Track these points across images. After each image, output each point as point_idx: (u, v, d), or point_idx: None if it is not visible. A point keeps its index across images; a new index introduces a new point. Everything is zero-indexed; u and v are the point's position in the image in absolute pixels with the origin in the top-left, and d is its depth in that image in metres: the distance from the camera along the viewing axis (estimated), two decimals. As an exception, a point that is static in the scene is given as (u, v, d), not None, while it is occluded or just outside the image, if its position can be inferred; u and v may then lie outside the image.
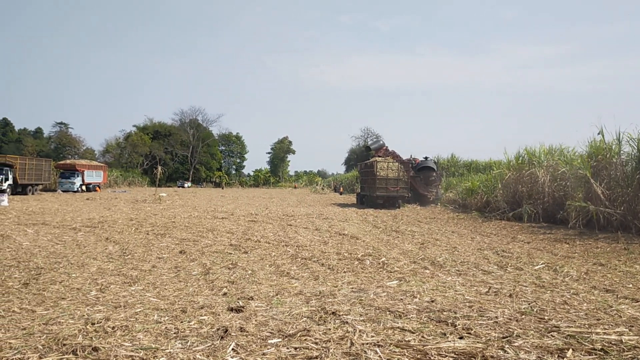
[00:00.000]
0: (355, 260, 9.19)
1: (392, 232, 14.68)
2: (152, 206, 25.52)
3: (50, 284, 7.06)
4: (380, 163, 27.50)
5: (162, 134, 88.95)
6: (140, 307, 5.69)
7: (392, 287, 6.88)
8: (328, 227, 15.43)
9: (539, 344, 4.15)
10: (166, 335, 4.55)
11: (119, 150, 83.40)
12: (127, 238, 12.30)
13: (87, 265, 8.65)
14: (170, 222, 16.31)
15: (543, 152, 20.89)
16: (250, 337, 4.45)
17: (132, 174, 71.00)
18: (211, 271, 8.13)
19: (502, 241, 12.71)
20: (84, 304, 5.92)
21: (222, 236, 12.88)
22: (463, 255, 10.05)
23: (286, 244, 11.38)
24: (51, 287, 6.90)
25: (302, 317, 5.14)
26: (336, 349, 4.09)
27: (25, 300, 6.13)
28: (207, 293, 6.58)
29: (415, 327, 4.70)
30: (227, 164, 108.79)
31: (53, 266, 8.43)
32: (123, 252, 10.18)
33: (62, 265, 8.52)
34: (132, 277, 7.66)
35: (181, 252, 10.15)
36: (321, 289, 6.67)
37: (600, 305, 5.71)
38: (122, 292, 6.62)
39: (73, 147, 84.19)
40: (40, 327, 4.86)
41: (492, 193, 22.31)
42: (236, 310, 5.47)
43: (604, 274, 8.00)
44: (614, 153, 15.40)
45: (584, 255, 10.24)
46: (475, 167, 36.41)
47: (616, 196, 14.74)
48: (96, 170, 49.91)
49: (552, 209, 17.66)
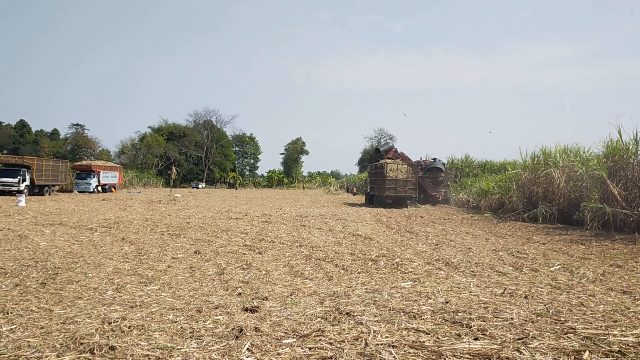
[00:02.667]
0: (369, 261, 9.18)
1: (406, 232, 14.64)
2: (167, 207, 25.69)
3: (67, 284, 7.14)
4: (390, 165, 28.29)
5: (176, 135, 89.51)
6: (156, 306, 5.74)
7: (407, 288, 6.86)
8: (342, 228, 15.43)
9: (555, 345, 4.12)
10: (182, 335, 4.59)
11: (134, 152, 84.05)
12: (142, 238, 12.40)
13: (103, 265, 8.73)
14: (185, 223, 16.41)
15: (559, 152, 20.71)
16: (265, 337, 4.47)
17: (147, 175, 71.50)
18: (226, 271, 8.18)
19: (517, 242, 12.62)
20: (100, 303, 5.98)
21: (236, 237, 12.93)
22: (478, 256, 10.00)
23: (300, 245, 11.40)
24: (68, 286, 6.97)
25: (316, 317, 5.15)
26: (350, 349, 4.09)
27: (43, 299, 6.20)
28: (221, 293, 6.62)
29: (429, 328, 4.69)
30: (241, 164, 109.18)
31: (70, 266, 8.53)
32: (139, 252, 10.26)
33: (78, 265, 8.61)
34: (148, 277, 7.72)
35: (196, 253, 10.21)
36: (335, 290, 6.68)
37: (617, 306, 5.65)
38: (138, 291, 6.68)
39: (89, 148, 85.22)
40: (57, 326, 4.92)
41: (506, 194, 22.18)
42: (251, 310, 5.49)
43: (620, 275, 7.92)
44: (631, 153, 15.22)
45: (600, 256, 10.13)
46: (489, 168, 36.17)
47: (633, 197, 14.56)
48: (112, 171, 50.34)
49: (567, 210, 17.50)
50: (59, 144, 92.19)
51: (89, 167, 46.21)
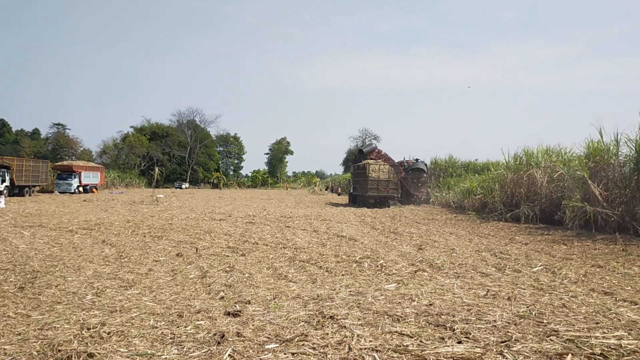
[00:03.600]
0: (353, 263, 9.15)
1: (390, 233, 14.65)
2: (149, 208, 25.46)
3: (46, 288, 7.00)
4: (372, 165, 28.98)
5: (159, 135, 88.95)
6: (137, 311, 5.65)
7: (391, 290, 6.84)
8: (326, 229, 15.40)
9: (538, 348, 4.12)
10: (162, 341, 4.51)
11: (116, 152, 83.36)
12: (123, 240, 12.24)
13: (83, 268, 8.59)
14: (168, 224, 16.26)
15: (541, 153, 20.91)
16: (247, 342, 4.41)
17: (130, 175, 70.99)
18: (208, 274, 8.09)
19: (500, 242, 12.69)
20: (79, 308, 5.87)
21: (219, 238, 12.83)
22: (461, 257, 10.02)
23: (284, 246, 11.34)
24: (47, 291, 6.85)
25: (299, 321, 5.10)
26: (334, 354, 4.06)
27: (21, 304, 6.07)
28: (204, 297, 6.54)
29: (413, 331, 4.66)
30: (225, 164, 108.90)
31: (49, 269, 8.38)
32: (119, 255, 10.12)
33: (58, 269, 8.46)
34: (129, 280, 7.61)
35: (178, 255, 10.10)
36: (319, 293, 6.63)
37: (599, 308, 5.68)
38: (118, 296, 6.58)
39: (70, 148, 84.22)
40: (35, 332, 4.82)
41: (489, 194, 22.33)
42: (233, 314, 5.43)
43: (602, 276, 7.98)
44: (612, 154, 15.40)
45: (582, 256, 10.22)
46: (473, 168, 36.40)
47: (614, 197, 14.73)
48: (93, 171, 49.86)
49: (549, 210, 17.66)
50: (40, 144, 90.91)
51: (70, 168, 45.73)
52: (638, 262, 9.33)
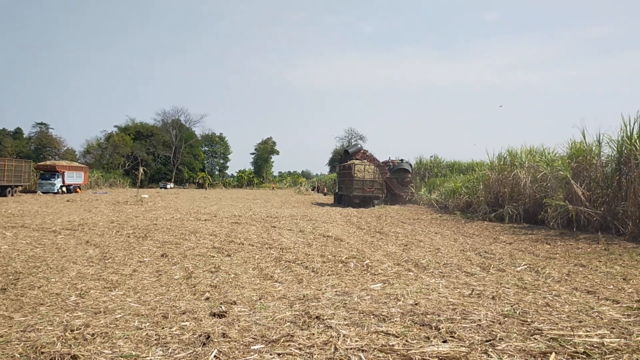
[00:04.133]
0: (339, 263, 9.16)
1: (376, 233, 14.69)
2: (134, 208, 25.25)
3: (28, 289, 6.91)
4: (357, 166, 29.55)
5: (144, 135, 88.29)
6: (121, 312, 5.60)
7: (376, 290, 6.86)
8: (312, 229, 15.39)
9: (522, 347, 4.16)
10: (147, 342, 4.47)
11: (100, 151, 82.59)
12: (107, 241, 12.13)
13: (66, 269, 8.50)
14: (152, 225, 16.15)
15: (524, 153, 21.11)
16: (233, 343, 4.39)
17: (114, 175, 70.39)
18: (193, 275, 8.04)
19: (485, 242, 12.79)
20: (63, 309, 5.81)
21: (204, 239, 12.77)
22: (446, 256, 10.08)
23: (270, 247, 11.32)
24: (29, 292, 6.76)
25: (285, 321, 5.10)
26: (320, 354, 4.06)
27: (3, 306, 5.99)
28: (189, 298, 6.50)
29: (399, 331, 4.68)
30: (210, 164, 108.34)
31: (32, 270, 8.27)
32: (103, 255, 10.03)
33: (41, 270, 8.36)
34: (113, 281, 7.54)
35: (163, 256, 10.03)
36: (305, 293, 6.63)
37: (582, 307, 5.75)
38: (102, 297, 6.51)
39: (53, 147, 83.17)
40: (17, 334, 4.75)
41: (474, 194, 22.49)
42: (219, 315, 5.40)
43: (585, 275, 8.08)
44: (594, 154, 15.59)
45: (565, 256, 10.34)
46: (457, 168, 36.65)
47: (596, 197, 14.93)
48: (77, 171, 49.33)
49: (533, 209, 17.84)
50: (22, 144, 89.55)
51: (53, 167, 45.20)
52: (620, 261, 9.46)
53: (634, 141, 13.58)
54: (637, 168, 13.06)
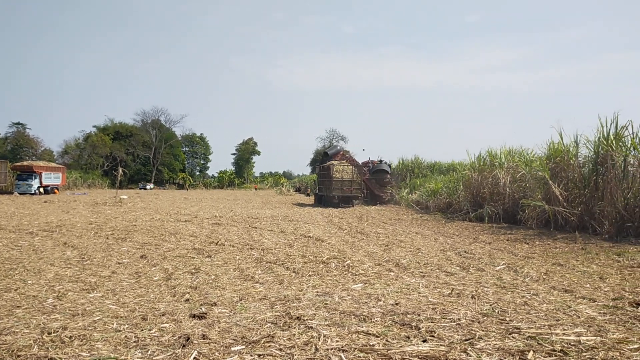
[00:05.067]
0: (320, 263, 9.16)
1: (357, 234, 14.73)
2: (113, 209, 24.96)
3: (4, 292, 6.78)
4: (336, 166, 30.27)
5: (123, 135, 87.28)
6: (99, 315, 5.53)
7: (357, 290, 6.88)
8: (293, 230, 15.38)
9: (501, 345, 4.21)
10: (126, 345, 4.42)
11: (78, 152, 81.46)
12: (86, 243, 11.97)
13: (43, 271, 8.36)
14: (131, 226, 15.98)
15: (504, 153, 21.37)
16: (213, 344, 4.37)
17: (92, 176, 69.43)
18: (173, 276, 7.98)
19: (465, 242, 12.90)
20: (40, 312, 5.71)
21: (185, 240, 12.67)
22: (427, 256, 10.15)
23: (251, 247, 11.28)
24: (6, 294, 6.63)
25: (266, 322, 5.08)
26: (301, 355, 4.05)
27: (-23, 309, 5.87)
28: (168, 299, 6.44)
29: (379, 330, 4.70)
30: (191, 165, 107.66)
31: (8, 273, 8.12)
32: (82, 257, 9.89)
33: (17, 272, 8.21)
34: (91, 283, 7.44)
35: (142, 257, 9.93)
36: (286, 294, 6.62)
37: (560, 305, 5.83)
38: (80, 299, 6.42)
39: (30, 148, 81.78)
40: (-8, 338, 4.66)
41: (454, 194, 22.68)
42: (199, 316, 5.37)
43: (562, 274, 8.19)
44: (571, 155, 15.81)
45: (543, 255, 10.47)
46: (438, 169, 36.93)
47: (574, 197, 15.15)
48: (54, 171, 48.56)
49: (512, 209, 18.05)
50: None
51: (30, 168, 44.42)
52: (597, 261, 9.61)
53: (610, 142, 13.80)
54: (613, 168, 13.29)
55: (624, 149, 13.75)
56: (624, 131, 13.83)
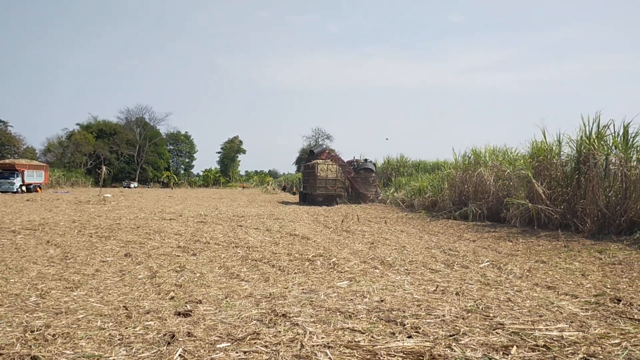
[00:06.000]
0: (306, 261, 9.17)
1: (343, 232, 14.76)
2: (96, 207, 24.73)
3: (-15, 291, 6.70)
4: (320, 165, 30.57)
5: (107, 133, 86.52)
6: (83, 313, 5.48)
7: (343, 287, 6.90)
8: (279, 228, 15.36)
9: (485, 341, 4.25)
10: (110, 342, 4.39)
11: (62, 150, 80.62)
12: (69, 241, 11.84)
13: (26, 269, 8.26)
14: (115, 224, 15.84)
15: (488, 152, 21.51)
16: (198, 342, 4.35)
17: (75, 174, 68.72)
18: (158, 274, 7.93)
19: (449, 240, 12.99)
20: (22, 310, 5.64)
21: (169, 238, 12.60)
22: (412, 254, 10.20)
23: (236, 246, 11.25)
24: (-14, 294, 6.55)
25: (251, 319, 5.08)
26: (286, 351, 4.06)
27: (-42, 308, 5.79)
28: (153, 297, 6.41)
29: (365, 327, 4.72)
30: (176, 163, 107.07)
31: (-11, 272, 8.02)
32: (65, 255, 9.79)
33: (-2, 271, 8.12)
34: (75, 281, 7.37)
35: (126, 255, 9.85)
36: (272, 291, 6.62)
37: (542, 301, 5.90)
38: (63, 297, 6.36)
39: (12, 146, 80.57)
40: (-27, 336, 4.60)
41: (439, 192, 22.81)
42: (184, 314, 5.35)
43: (545, 271, 8.29)
44: (554, 154, 15.97)
45: (526, 252, 10.58)
46: (423, 167, 37.12)
47: (556, 195, 15.31)
48: (37, 170, 47.98)
49: (496, 208, 18.19)
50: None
51: (12, 166, 43.82)
52: (579, 258, 9.73)
53: (593, 141, 13.96)
54: (595, 167, 13.45)
55: (605, 148, 13.92)
56: (605, 130, 14.00)
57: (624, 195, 12.90)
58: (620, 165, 13.27)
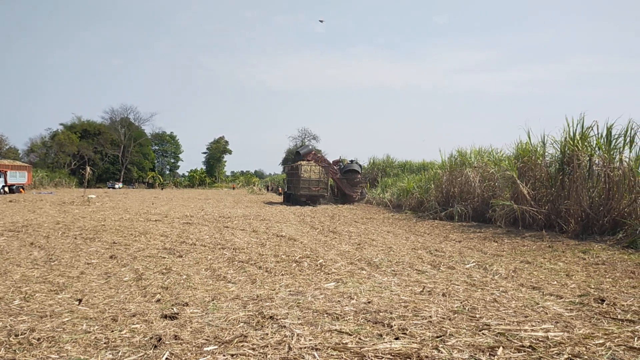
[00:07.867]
0: (293, 263, 9.16)
1: (330, 233, 14.77)
2: (81, 208, 24.47)
3: (-33, 294, 6.60)
4: (304, 166, 31.19)
5: (91, 133, 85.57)
6: (68, 316, 5.43)
7: (330, 289, 6.90)
8: (265, 229, 15.33)
9: (471, 342, 4.28)
10: (96, 346, 4.35)
11: (45, 150, 79.59)
12: (53, 243, 11.71)
13: (9, 272, 8.16)
14: (100, 225, 15.69)
15: (474, 153, 21.68)
16: (185, 345, 4.33)
17: (59, 175, 67.88)
18: (144, 277, 7.87)
19: (435, 240, 13.06)
20: (6, 314, 5.57)
21: (155, 239, 12.51)
22: (398, 255, 10.24)
23: (223, 247, 11.21)
24: (-32, 297, 6.45)
25: (239, 322, 5.06)
26: (274, 354, 4.05)
27: (-61, 312, 5.70)
28: (139, 300, 6.36)
29: (352, 329, 4.73)
30: (161, 164, 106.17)
31: (-29, 274, 7.90)
32: (49, 257, 9.68)
33: (-20, 274, 8.00)
34: (59, 284, 7.29)
35: (112, 257, 9.77)
36: (259, 293, 6.60)
37: (528, 302, 5.96)
38: (48, 300, 6.29)
39: (-6, 146, 79.64)
40: (-45, 341, 4.53)
41: (425, 193, 22.91)
42: (170, 317, 5.32)
43: (530, 271, 8.37)
44: (539, 155, 16.13)
45: (511, 253, 10.67)
46: (409, 168, 37.26)
47: (541, 196, 15.46)
48: (20, 170, 47.35)
49: (481, 208, 18.32)
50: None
51: (-6, 167, 43.25)
52: (563, 258, 9.84)
53: (577, 142, 14.12)
54: (579, 168, 13.60)
55: (589, 149, 14.09)
56: (589, 131, 14.17)
57: (607, 196, 13.07)
58: (603, 166, 13.44)
